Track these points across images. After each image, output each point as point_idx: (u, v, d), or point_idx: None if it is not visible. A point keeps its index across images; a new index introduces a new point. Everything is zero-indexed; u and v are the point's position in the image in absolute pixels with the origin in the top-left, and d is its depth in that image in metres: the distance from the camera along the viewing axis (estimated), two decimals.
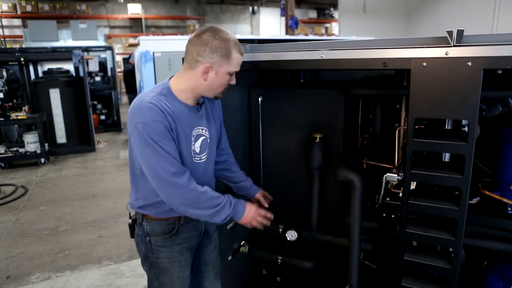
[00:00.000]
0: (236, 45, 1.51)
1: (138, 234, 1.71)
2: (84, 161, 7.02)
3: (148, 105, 1.46)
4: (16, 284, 3.10)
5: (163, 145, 1.45)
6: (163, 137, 1.46)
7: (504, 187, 1.64)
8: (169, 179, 1.46)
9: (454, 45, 1.31)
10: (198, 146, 1.63)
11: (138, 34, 15.17)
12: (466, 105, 1.28)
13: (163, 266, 1.69)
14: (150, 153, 1.45)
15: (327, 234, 2.14)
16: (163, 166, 1.46)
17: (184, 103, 1.56)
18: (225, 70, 1.51)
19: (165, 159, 1.45)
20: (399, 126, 2.12)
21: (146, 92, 1.55)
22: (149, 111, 1.45)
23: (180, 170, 1.49)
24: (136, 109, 1.48)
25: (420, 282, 1.56)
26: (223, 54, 1.48)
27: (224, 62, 1.49)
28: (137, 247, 1.76)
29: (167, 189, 1.49)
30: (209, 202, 1.52)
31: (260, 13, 19.70)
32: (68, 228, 4.13)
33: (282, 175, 2.32)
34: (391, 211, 1.86)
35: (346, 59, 1.48)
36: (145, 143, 1.45)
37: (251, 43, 2.19)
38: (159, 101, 1.48)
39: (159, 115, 1.45)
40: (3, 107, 6.26)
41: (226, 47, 1.48)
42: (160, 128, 1.45)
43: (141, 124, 1.44)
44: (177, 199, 1.50)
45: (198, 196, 1.50)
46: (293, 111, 2.17)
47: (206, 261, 1.89)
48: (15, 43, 13.39)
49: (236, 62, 1.53)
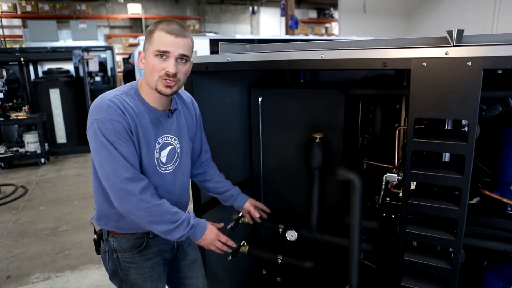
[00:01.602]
0: (161, 24, 1.38)
1: (104, 250, 1.60)
2: (84, 161, 7.02)
3: (107, 102, 1.36)
4: (16, 284, 3.10)
5: (119, 146, 1.35)
6: (119, 138, 1.35)
7: (504, 187, 1.64)
8: (120, 185, 1.35)
9: (454, 45, 1.31)
10: (165, 156, 1.52)
11: (138, 34, 15.16)
12: (466, 105, 1.28)
13: (134, 282, 1.58)
14: (103, 155, 1.35)
15: (327, 234, 2.14)
16: (116, 170, 1.34)
17: (152, 106, 1.46)
18: (150, 52, 1.38)
19: (118, 162, 1.34)
20: (399, 126, 2.12)
21: (112, 91, 1.46)
22: (107, 109, 1.35)
23: (135, 177, 1.37)
24: (95, 106, 1.39)
25: (420, 282, 1.56)
26: (147, 36, 1.40)
27: (148, 44, 1.40)
28: (104, 264, 1.64)
29: (118, 195, 1.37)
30: (163, 217, 1.40)
31: (260, 13, 19.69)
32: (68, 228, 4.13)
33: (282, 175, 2.32)
34: (391, 211, 1.86)
35: (346, 59, 1.48)
36: (100, 143, 1.35)
37: (251, 43, 2.20)
38: (121, 100, 1.39)
39: (117, 113, 1.35)
40: (3, 107, 6.26)
41: (151, 29, 1.40)
42: (117, 127, 1.35)
43: (97, 122, 1.35)
44: (128, 207, 1.38)
45: (151, 208, 1.38)
46: (293, 111, 2.17)
47: (187, 274, 1.77)
48: (15, 43, 13.37)
49: (159, 40, 1.36)
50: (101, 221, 1.58)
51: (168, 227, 1.41)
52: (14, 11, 13.95)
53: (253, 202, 1.93)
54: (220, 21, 19.20)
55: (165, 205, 1.42)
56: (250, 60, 1.77)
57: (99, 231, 1.63)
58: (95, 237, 1.64)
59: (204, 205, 2.12)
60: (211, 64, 1.84)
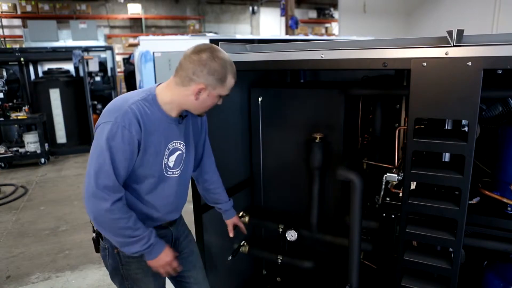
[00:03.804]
0: (232, 69, 1.49)
1: (104, 247, 1.60)
2: (84, 161, 7.02)
3: (127, 108, 1.39)
4: (16, 284, 3.10)
5: (116, 155, 1.36)
6: (120, 147, 1.36)
7: (504, 187, 1.64)
8: (96, 190, 1.35)
9: (454, 45, 1.31)
10: (173, 160, 1.55)
11: (138, 34, 15.17)
12: (466, 105, 1.28)
13: (136, 277, 1.60)
14: (97, 154, 1.36)
15: (327, 234, 2.14)
16: (99, 173, 1.35)
17: (166, 113, 1.50)
18: (217, 92, 1.48)
19: (105, 168, 1.35)
20: (399, 126, 2.12)
21: (133, 94, 1.49)
22: (124, 114, 1.37)
23: (114, 187, 1.37)
24: (115, 107, 1.42)
25: (420, 282, 1.56)
26: (219, 77, 1.44)
27: (218, 85, 1.46)
28: (104, 261, 1.64)
29: (90, 198, 1.37)
30: (123, 231, 1.40)
31: (260, 13, 19.68)
32: (68, 228, 4.13)
33: (282, 175, 2.32)
34: (391, 211, 1.86)
35: (346, 59, 1.48)
36: (100, 143, 1.36)
37: (251, 43, 2.20)
38: (140, 108, 1.42)
39: (131, 122, 1.38)
40: (3, 107, 6.25)
41: (223, 71, 1.45)
42: (125, 136, 1.36)
43: (110, 124, 1.36)
44: (94, 212, 1.38)
45: (115, 220, 1.38)
46: (293, 111, 2.17)
47: (186, 267, 1.79)
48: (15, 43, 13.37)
49: (230, 86, 1.50)
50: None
51: (125, 240, 1.43)
52: (14, 11, 13.95)
53: (234, 221, 2.02)
54: (220, 21, 19.20)
55: (131, 220, 1.42)
56: (250, 60, 1.77)
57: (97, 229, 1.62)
58: (94, 235, 1.64)
59: (204, 205, 2.12)
60: None
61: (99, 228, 1.45)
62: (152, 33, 16.72)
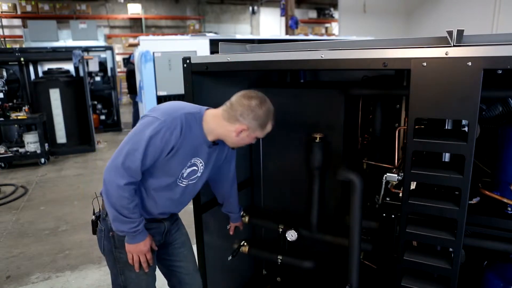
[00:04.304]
0: (272, 117, 1.69)
1: (101, 229, 1.74)
2: (84, 161, 7.02)
3: (180, 115, 1.56)
4: (16, 284, 3.10)
5: (149, 147, 1.51)
6: (156, 143, 1.51)
7: (504, 187, 1.63)
8: (120, 166, 1.50)
9: (454, 45, 1.31)
10: (188, 172, 1.69)
11: (138, 34, 15.17)
12: (466, 105, 1.28)
13: (127, 261, 1.69)
14: (135, 140, 1.51)
15: (327, 234, 2.14)
16: (128, 155, 1.50)
17: (205, 135, 1.67)
18: (256, 135, 1.68)
19: (136, 153, 1.50)
20: (399, 126, 2.11)
21: (187, 105, 1.68)
22: (174, 119, 1.54)
23: (134, 173, 1.53)
24: (170, 108, 1.60)
25: (420, 282, 1.56)
26: (261, 123, 1.64)
27: (258, 130, 1.65)
28: (99, 243, 1.78)
29: (113, 168, 1.52)
30: (121, 209, 1.54)
31: (260, 13, 19.69)
32: (68, 228, 4.13)
33: (282, 175, 2.32)
34: (391, 211, 1.86)
35: (346, 59, 1.48)
36: (143, 131, 1.51)
37: (251, 43, 2.20)
38: (189, 121, 1.59)
39: (176, 129, 1.54)
40: (3, 107, 6.25)
41: (266, 119, 1.64)
42: (165, 137, 1.52)
43: (158, 121, 1.52)
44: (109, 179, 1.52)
45: (120, 196, 1.52)
46: (293, 111, 2.17)
47: (177, 257, 1.92)
48: (15, 43, 13.38)
49: (267, 131, 1.70)
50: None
51: (118, 216, 1.55)
52: (14, 11, 13.96)
53: (238, 224, 2.26)
54: (220, 21, 19.21)
55: (132, 203, 1.56)
56: (250, 60, 1.77)
57: (97, 213, 1.79)
58: (93, 218, 1.79)
59: (204, 205, 2.12)
60: (211, 64, 1.84)
61: (104, 196, 1.57)
62: (152, 33, 16.73)
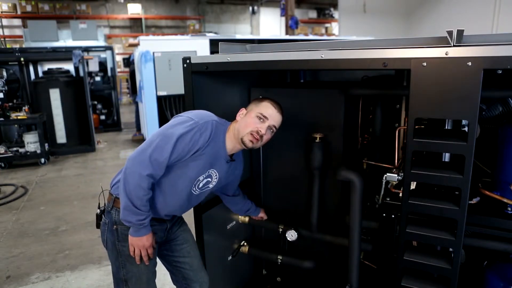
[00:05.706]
0: (269, 99, 1.75)
1: (105, 222, 1.76)
2: (84, 161, 7.02)
3: (211, 121, 1.64)
4: (16, 284, 3.10)
5: (178, 145, 1.56)
6: (185, 143, 1.56)
7: (504, 187, 1.64)
8: (147, 158, 1.54)
9: (454, 45, 1.31)
10: (203, 183, 1.73)
11: (138, 34, 15.18)
12: (466, 105, 1.28)
13: (130, 255, 1.70)
14: (165, 135, 1.56)
15: (327, 234, 2.14)
16: (157, 149, 1.54)
17: (225, 148, 1.73)
18: (254, 112, 1.71)
19: (165, 148, 1.54)
20: (399, 126, 2.12)
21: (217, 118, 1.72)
22: (205, 123, 1.61)
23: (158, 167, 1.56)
24: (203, 113, 1.67)
25: (420, 282, 1.56)
26: (256, 102, 1.75)
27: (255, 106, 1.73)
28: (102, 236, 1.79)
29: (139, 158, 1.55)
30: (135, 200, 1.56)
31: (260, 13, 19.69)
32: (68, 228, 4.13)
33: (282, 175, 2.32)
34: (391, 211, 1.86)
35: (346, 59, 1.48)
36: (176, 127, 1.57)
37: (251, 43, 2.20)
38: (218, 129, 1.66)
39: (205, 133, 1.60)
40: (3, 107, 6.25)
41: (261, 99, 1.76)
42: (193, 138, 1.57)
43: (191, 122, 1.58)
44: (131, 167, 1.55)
45: (138, 186, 1.55)
46: (293, 111, 2.16)
47: (180, 253, 1.93)
48: (15, 43, 13.38)
49: (265, 108, 1.71)
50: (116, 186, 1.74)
51: (129, 205, 1.57)
52: (14, 11, 13.96)
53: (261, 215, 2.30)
54: (220, 21, 19.21)
55: (146, 196, 1.59)
56: (250, 60, 1.76)
57: (102, 207, 1.82)
58: (98, 211, 1.81)
59: (204, 205, 2.12)
60: (211, 64, 1.84)
61: (122, 184, 1.59)
62: (152, 33, 16.73)
